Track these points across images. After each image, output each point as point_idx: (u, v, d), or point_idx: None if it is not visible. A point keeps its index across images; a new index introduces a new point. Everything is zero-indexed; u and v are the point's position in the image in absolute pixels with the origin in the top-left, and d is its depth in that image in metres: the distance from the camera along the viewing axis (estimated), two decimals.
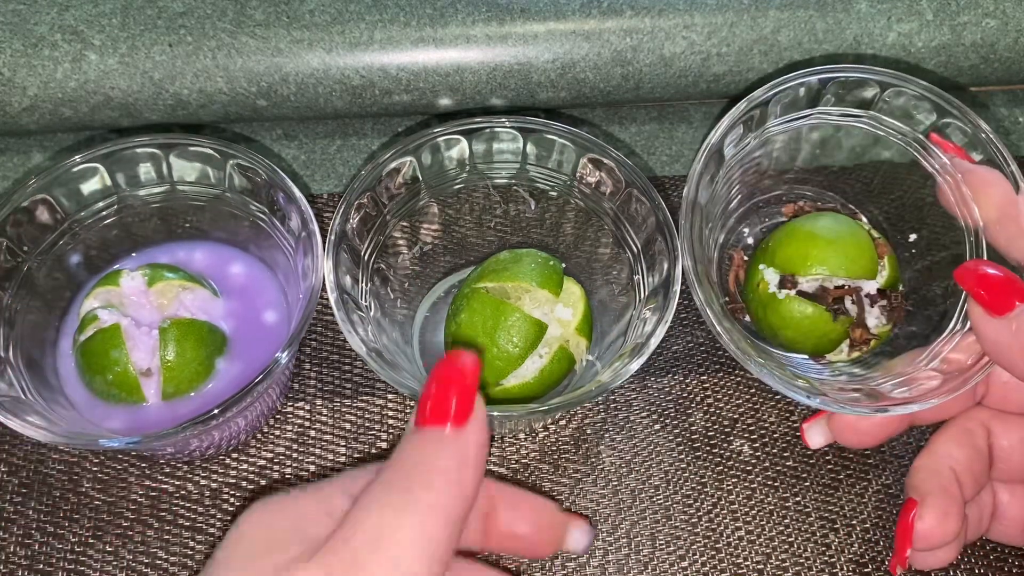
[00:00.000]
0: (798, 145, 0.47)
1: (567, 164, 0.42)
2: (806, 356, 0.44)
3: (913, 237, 0.45)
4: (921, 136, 0.43)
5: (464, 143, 0.41)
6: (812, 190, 0.49)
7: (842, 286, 0.42)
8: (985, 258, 0.41)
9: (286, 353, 0.36)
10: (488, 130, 0.41)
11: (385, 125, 0.54)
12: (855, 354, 0.43)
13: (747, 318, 0.46)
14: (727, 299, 0.46)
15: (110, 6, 0.48)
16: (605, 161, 0.41)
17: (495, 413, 0.34)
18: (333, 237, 0.38)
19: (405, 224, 0.43)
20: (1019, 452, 0.37)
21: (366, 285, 0.40)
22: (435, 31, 0.49)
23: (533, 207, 0.45)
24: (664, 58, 0.50)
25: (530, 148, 0.42)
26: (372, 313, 0.40)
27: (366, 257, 0.41)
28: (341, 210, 0.39)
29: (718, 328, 0.37)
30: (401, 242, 0.44)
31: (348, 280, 0.38)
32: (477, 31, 0.49)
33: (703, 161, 0.40)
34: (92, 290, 0.41)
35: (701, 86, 0.51)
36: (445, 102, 0.51)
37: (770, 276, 0.43)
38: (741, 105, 0.41)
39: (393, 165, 0.40)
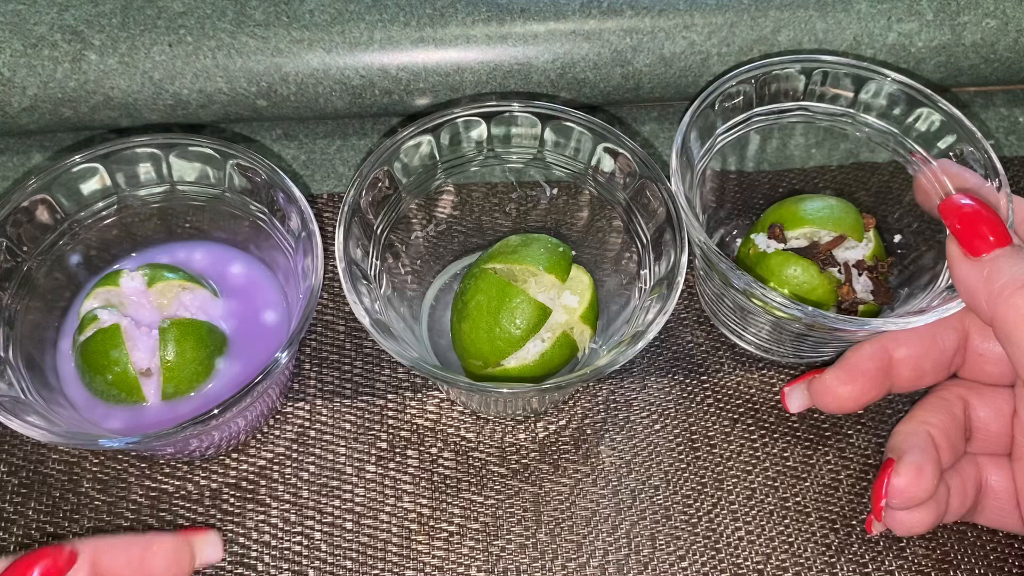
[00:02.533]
0: (781, 141, 0.47)
1: (584, 152, 0.42)
2: None
3: (898, 238, 0.46)
4: (896, 131, 0.44)
5: (483, 125, 0.42)
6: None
7: (829, 241, 0.43)
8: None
9: (286, 353, 0.36)
10: (507, 114, 0.41)
11: (385, 125, 0.54)
12: None
13: None
14: None
15: (110, 6, 0.48)
16: (621, 151, 0.41)
17: (494, 389, 0.35)
18: (347, 208, 0.38)
19: (420, 203, 0.44)
20: (996, 423, 0.37)
21: (377, 260, 0.41)
22: (435, 31, 0.49)
23: (548, 193, 0.45)
24: (664, 58, 0.50)
25: (548, 134, 0.42)
26: (382, 289, 0.40)
27: (378, 231, 0.41)
28: (356, 183, 0.39)
29: (700, 238, 0.38)
30: (415, 220, 0.44)
31: (359, 252, 0.39)
32: (477, 31, 0.49)
33: (694, 111, 0.42)
34: (92, 290, 0.41)
35: (701, 86, 0.51)
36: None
37: (760, 240, 0.44)
38: (732, 74, 0.43)
39: (411, 142, 0.41)
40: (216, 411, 0.35)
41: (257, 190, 0.42)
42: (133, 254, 0.45)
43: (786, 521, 0.42)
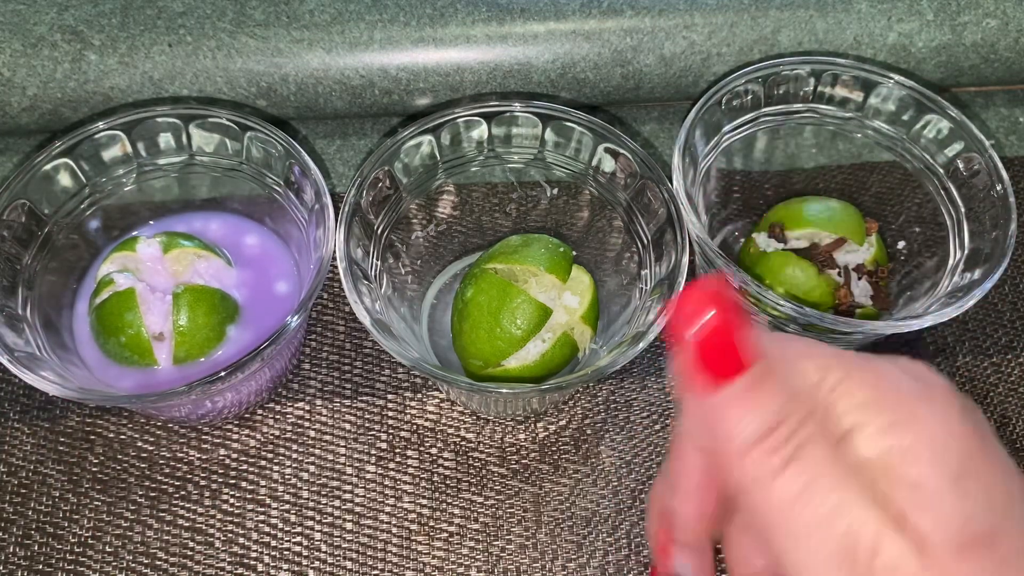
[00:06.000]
0: (788, 142, 0.47)
1: (584, 152, 0.42)
2: None
3: (901, 244, 0.46)
4: (904, 136, 0.44)
5: (484, 125, 0.42)
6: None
7: (829, 243, 0.43)
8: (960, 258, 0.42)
9: (296, 318, 0.37)
10: (508, 114, 0.41)
11: (385, 125, 0.54)
12: None
13: None
14: None
15: (110, 6, 0.48)
16: (621, 151, 0.41)
17: (494, 389, 0.35)
18: (347, 208, 0.39)
19: (420, 203, 0.44)
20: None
21: (377, 260, 0.41)
22: (435, 31, 0.49)
23: (548, 193, 0.45)
24: (664, 58, 0.50)
25: (549, 134, 0.42)
26: (383, 289, 0.40)
27: (379, 231, 0.41)
28: (356, 183, 0.39)
29: (701, 237, 0.39)
30: (415, 220, 0.44)
31: (359, 252, 0.39)
32: (477, 31, 0.49)
33: (700, 107, 0.42)
34: (109, 255, 0.42)
35: (701, 86, 0.51)
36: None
37: (761, 239, 0.44)
38: (738, 74, 0.43)
39: (412, 142, 0.41)
40: (224, 373, 0.35)
41: (273, 163, 0.42)
42: (151, 222, 0.46)
43: None
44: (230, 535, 0.41)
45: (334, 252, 0.38)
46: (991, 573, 0.20)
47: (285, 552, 0.41)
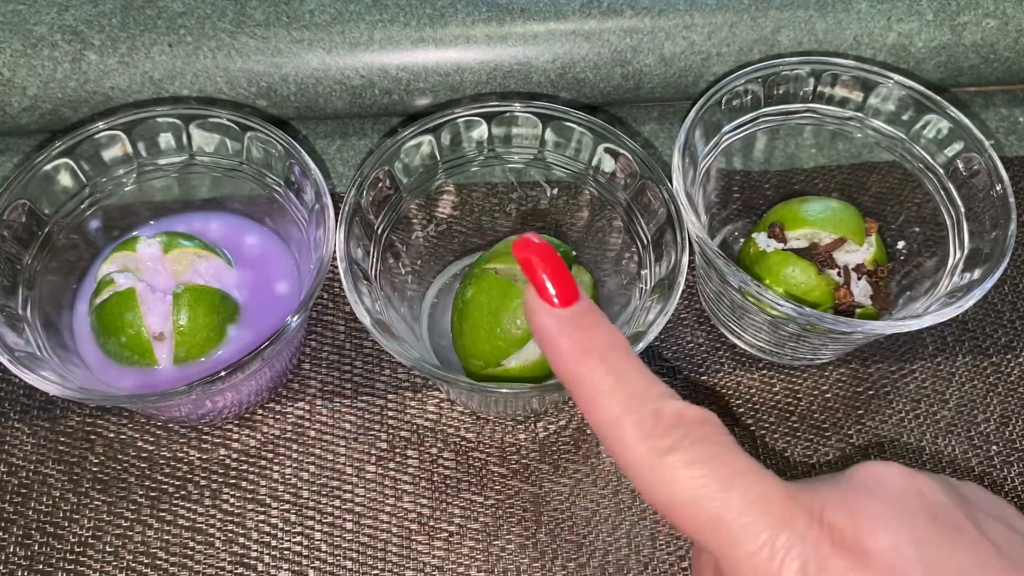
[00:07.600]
0: (788, 142, 0.47)
1: (584, 152, 0.42)
2: None
3: (901, 244, 0.46)
4: (904, 136, 0.44)
5: (484, 125, 0.42)
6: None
7: (829, 243, 0.43)
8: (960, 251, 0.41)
9: (296, 318, 0.37)
10: (508, 114, 0.41)
11: (385, 125, 0.54)
12: None
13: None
14: None
15: (110, 6, 0.48)
16: (621, 151, 0.41)
17: (494, 389, 0.35)
18: (347, 208, 0.39)
19: (420, 203, 0.44)
20: None
21: (377, 260, 0.41)
22: (435, 31, 0.49)
23: (548, 193, 0.45)
24: (664, 58, 0.50)
25: (549, 134, 0.42)
26: (383, 289, 0.40)
27: (379, 231, 0.41)
28: (356, 183, 0.39)
29: (700, 236, 0.39)
30: (415, 220, 0.44)
31: (359, 252, 0.39)
32: (477, 31, 0.49)
33: (700, 107, 0.42)
34: (110, 255, 0.42)
35: (701, 86, 0.51)
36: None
37: (761, 239, 0.44)
38: (738, 74, 0.43)
39: (412, 142, 0.41)
40: (224, 373, 0.35)
41: (273, 163, 0.43)
42: (151, 222, 0.46)
43: None
44: (230, 535, 0.41)
45: (334, 252, 0.38)
46: None
47: (285, 552, 0.41)
